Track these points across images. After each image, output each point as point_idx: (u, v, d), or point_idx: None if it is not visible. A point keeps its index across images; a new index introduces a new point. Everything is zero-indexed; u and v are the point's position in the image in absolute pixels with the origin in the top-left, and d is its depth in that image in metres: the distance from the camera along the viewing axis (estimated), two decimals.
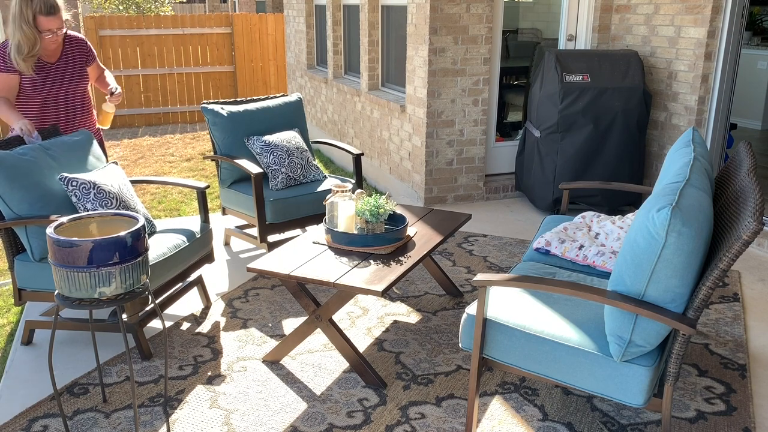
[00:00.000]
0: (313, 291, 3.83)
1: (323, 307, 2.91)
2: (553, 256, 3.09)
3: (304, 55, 8.29)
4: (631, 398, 2.19)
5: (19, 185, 2.98)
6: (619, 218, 3.34)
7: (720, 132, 4.96)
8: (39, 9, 3.27)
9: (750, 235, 1.95)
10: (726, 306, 3.68)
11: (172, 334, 3.35)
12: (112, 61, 9.78)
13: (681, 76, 4.98)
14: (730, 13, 4.66)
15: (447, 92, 5.22)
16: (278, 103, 4.52)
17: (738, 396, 2.83)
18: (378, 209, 3.07)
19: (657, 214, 2.03)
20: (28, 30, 3.28)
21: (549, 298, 2.54)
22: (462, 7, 5.05)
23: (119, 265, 2.22)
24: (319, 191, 4.11)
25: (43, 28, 3.32)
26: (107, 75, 3.89)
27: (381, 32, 6.29)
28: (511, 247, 4.54)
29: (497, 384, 2.91)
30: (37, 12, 3.28)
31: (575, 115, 4.91)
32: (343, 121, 7.17)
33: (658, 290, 2.08)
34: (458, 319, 3.52)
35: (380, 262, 2.90)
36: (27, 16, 3.27)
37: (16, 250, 3.14)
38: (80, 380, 2.94)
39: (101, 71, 3.88)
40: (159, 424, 2.64)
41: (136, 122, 10.07)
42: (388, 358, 3.13)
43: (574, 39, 5.72)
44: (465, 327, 2.45)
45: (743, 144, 2.86)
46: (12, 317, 3.61)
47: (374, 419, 2.66)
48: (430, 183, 5.39)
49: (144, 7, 16.54)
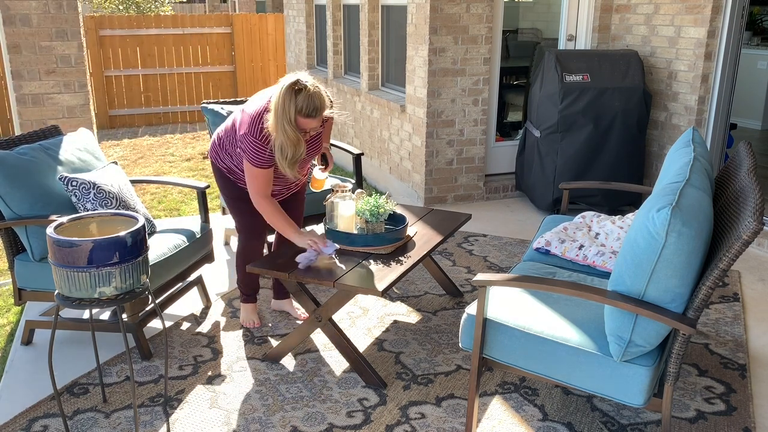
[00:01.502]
0: (313, 291, 3.83)
1: (323, 307, 2.91)
2: (553, 256, 3.08)
3: (304, 55, 8.29)
4: (631, 398, 2.19)
5: (19, 185, 2.98)
6: (619, 218, 3.34)
7: (720, 132, 4.96)
8: (303, 110, 2.78)
9: (750, 235, 1.95)
10: (726, 306, 3.68)
11: (172, 334, 3.35)
12: (112, 61, 9.78)
13: (681, 76, 4.98)
14: (730, 13, 4.66)
15: (447, 92, 5.22)
16: None
17: (738, 396, 2.83)
18: (378, 209, 3.07)
19: (657, 214, 2.03)
20: (292, 133, 2.79)
21: (549, 298, 2.54)
22: (462, 7, 5.05)
23: (119, 265, 2.21)
24: (319, 191, 4.11)
25: (304, 127, 2.85)
26: (328, 126, 3.32)
27: (381, 32, 6.29)
28: (511, 247, 4.54)
29: (497, 384, 2.91)
30: (302, 113, 2.78)
31: (575, 115, 4.91)
32: (343, 121, 7.17)
33: (658, 290, 2.08)
34: (458, 319, 3.52)
35: (380, 262, 2.90)
36: (290, 117, 2.77)
37: (16, 250, 3.14)
38: (80, 380, 2.94)
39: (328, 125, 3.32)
40: (159, 424, 2.63)
41: (136, 122, 10.07)
42: (388, 358, 3.13)
43: (574, 39, 5.72)
44: (465, 327, 2.45)
45: (743, 144, 2.86)
46: (12, 317, 3.61)
47: (374, 419, 2.66)
48: (430, 183, 5.39)
49: (144, 7, 16.54)
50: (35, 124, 4.68)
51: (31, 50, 4.54)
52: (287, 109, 2.75)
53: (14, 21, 4.44)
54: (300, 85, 2.77)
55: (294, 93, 2.75)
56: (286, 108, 2.75)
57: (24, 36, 4.49)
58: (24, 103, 4.61)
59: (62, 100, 4.68)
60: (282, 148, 2.84)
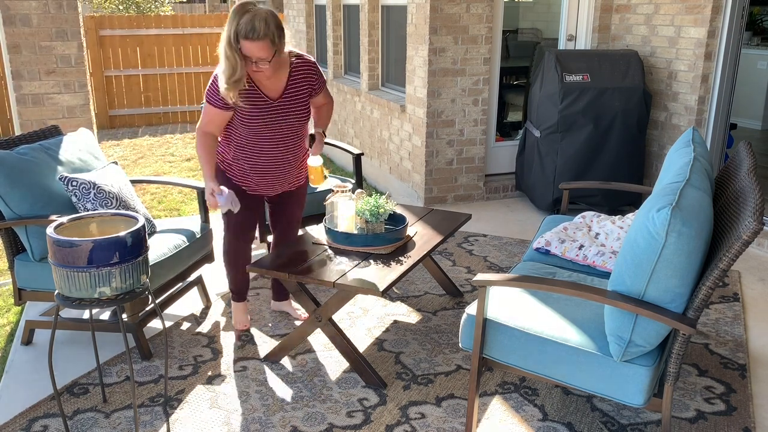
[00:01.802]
0: (313, 291, 3.83)
1: (323, 307, 2.91)
2: (553, 256, 3.08)
3: None
4: (631, 398, 2.19)
5: (19, 185, 2.98)
6: (619, 218, 3.34)
7: (720, 132, 4.95)
8: (241, 30, 2.72)
9: (750, 235, 1.95)
10: (726, 306, 3.68)
11: (172, 334, 3.35)
12: (112, 61, 9.78)
13: (681, 76, 4.98)
14: (730, 13, 4.66)
15: (447, 92, 5.22)
16: None
17: (738, 396, 2.83)
18: (378, 209, 3.07)
19: (657, 214, 2.03)
20: (230, 52, 2.74)
21: (549, 298, 2.54)
22: (462, 7, 5.05)
23: (119, 265, 2.21)
24: (319, 191, 4.11)
25: (245, 52, 2.76)
26: (326, 109, 3.29)
27: (381, 32, 6.29)
28: (511, 247, 4.54)
29: (497, 384, 2.91)
30: (240, 34, 2.72)
31: (575, 115, 4.91)
32: (343, 121, 7.17)
33: (658, 290, 2.08)
34: (458, 319, 3.52)
35: (380, 262, 2.90)
36: (230, 36, 2.74)
37: (16, 250, 3.14)
38: (80, 380, 2.94)
39: (324, 103, 3.26)
40: (159, 424, 2.63)
41: (136, 122, 10.07)
42: (388, 358, 3.13)
43: (574, 39, 5.72)
44: (465, 327, 2.45)
45: (743, 144, 2.86)
46: (12, 317, 3.61)
47: (374, 419, 2.66)
48: (430, 183, 5.39)
49: (144, 7, 16.54)
50: (35, 124, 4.68)
51: (31, 50, 4.54)
52: (228, 29, 2.73)
53: (14, 21, 4.44)
54: (248, 7, 2.73)
55: (239, 14, 2.72)
56: (228, 28, 2.73)
57: (24, 36, 4.49)
58: (24, 103, 4.61)
59: (62, 100, 4.68)
60: (224, 70, 2.78)
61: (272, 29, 2.73)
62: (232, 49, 2.73)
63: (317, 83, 3.11)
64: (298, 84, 3.02)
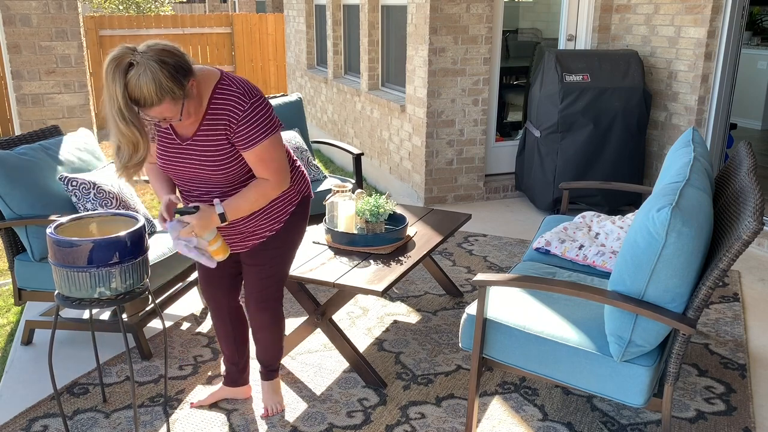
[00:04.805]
0: (313, 291, 3.83)
1: (323, 307, 2.91)
2: (553, 256, 3.08)
3: (304, 55, 8.29)
4: (631, 398, 2.19)
5: (19, 185, 2.98)
6: (619, 218, 3.34)
7: (720, 132, 4.95)
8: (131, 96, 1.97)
9: (750, 235, 1.95)
10: (726, 306, 3.68)
11: (172, 334, 3.35)
12: None
13: (681, 76, 4.98)
14: (730, 13, 4.66)
15: (447, 92, 5.22)
16: (278, 103, 4.51)
17: (738, 396, 2.83)
18: (378, 209, 3.07)
19: (657, 214, 2.03)
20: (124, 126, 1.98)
21: (549, 298, 2.54)
22: (462, 7, 5.05)
23: (119, 265, 2.21)
24: (319, 191, 4.11)
25: (144, 115, 2.04)
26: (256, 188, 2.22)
27: (381, 32, 6.29)
28: (511, 247, 4.54)
29: (497, 384, 2.91)
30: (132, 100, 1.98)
31: (575, 115, 4.91)
32: (343, 121, 7.17)
33: (658, 290, 2.08)
34: (458, 319, 3.52)
35: (380, 262, 2.90)
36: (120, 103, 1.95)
37: (16, 250, 3.14)
38: (80, 380, 2.94)
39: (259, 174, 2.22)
40: (159, 424, 2.63)
41: None
42: (388, 358, 3.13)
43: (574, 39, 5.72)
44: (465, 327, 2.45)
45: (743, 144, 2.86)
46: (12, 317, 3.61)
47: (374, 419, 2.66)
48: (430, 183, 5.39)
49: (144, 7, 16.54)
50: (35, 124, 4.68)
51: (31, 50, 4.54)
52: (112, 91, 1.94)
53: (14, 21, 4.44)
54: (126, 59, 1.94)
55: (120, 72, 1.93)
56: (113, 90, 1.93)
57: (24, 36, 4.49)
58: (24, 103, 4.61)
59: (62, 100, 4.68)
60: (118, 151, 2.06)
61: (167, 85, 1.95)
62: (127, 121, 1.96)
63: (238, 126, 2.12)
64: (213, 123, 2.15)
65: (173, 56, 1.99)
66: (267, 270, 2.44)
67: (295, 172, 2.43)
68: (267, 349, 2.65)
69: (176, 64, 1.98)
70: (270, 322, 2.56)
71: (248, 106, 2.12)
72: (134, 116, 1.97)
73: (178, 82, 1.98)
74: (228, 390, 2.76)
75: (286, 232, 2.41)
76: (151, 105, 1.97)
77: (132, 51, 1.94)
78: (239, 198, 2.20)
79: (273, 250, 2.41)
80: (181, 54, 2.03)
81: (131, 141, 2.00)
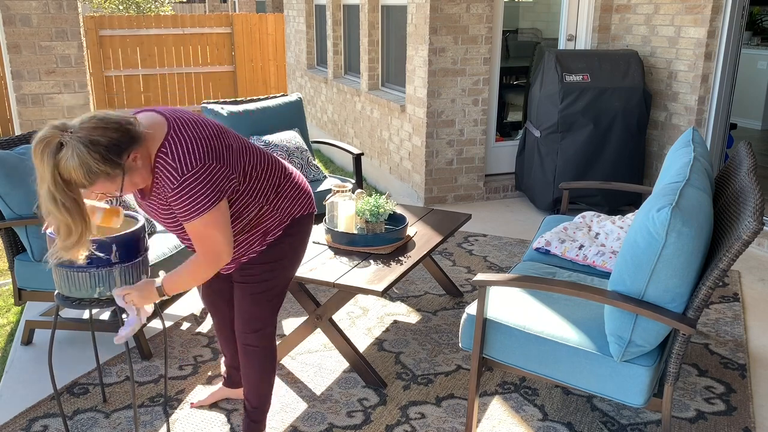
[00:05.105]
0: (313, 291, 3.83)
1: (323, 307, 2.91)
2: (553, 256, 3.08)
3: (304, 55, 8.29)
4: (631, 398, 2.19)
5: (19, 185, 2.98)
6: (619, 218, 3.34)
7: (720, 132, 4.95)
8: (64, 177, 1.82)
9: (750, 235, 1.95)
10: (726, 306, 3.68)
11: (172, 334, 3.35)
12: (112, 61, 9.78)
13: (681, 76, 4.98)
14: (730, 13, 4.66)
15: (447, 92, 5.22)
16: (278, 103, 4.52)
17: (738, 396, 2.83)
18: (378, 209, 3.07)
19: (657, 214, 2.03)
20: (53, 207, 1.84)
21: (549, 298, 2.54)
22: (462, 7, 5.05)
23: (119, 265, 2.21)
24: (319, 191, 4.11)
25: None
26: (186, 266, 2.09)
27: (381, 32, 6.29)
28: (511, 247, 4.54)
29: (497, 384, 2.91)
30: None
31: (575, 115, 4.91)
32: (343, 121, 7.17)
33: (658, 290, 2.08)
34: (458, 319, 3.52)
35: (380, 262, 2.90)
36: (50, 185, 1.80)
37: (16, 250, 3.14)
38: (80, 380, 2.94)
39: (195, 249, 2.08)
40: (159, 424, 2.63)
41: None
42: (388, 358, 3.13)
43: (574, 39, 5.72)
44: (465, 327, 2.45)
45: (743, 144, 2.86)
46: (12, 317, 3.61)
47: (374, 419, 2.66)
48: (430, 183, 5.39)
49: (144, 7, 16.54)
50: (35, 124, 4.68)
51: (31, 50, 4.54)
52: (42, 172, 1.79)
53: (14, 21, 4.44)
54: (52, 139, 1.77)
55: (49, 154, 1.77)
56: (43, 171, 1.78)
57: (24, 36, 4.49)
58: (24, 103, 4.61)
59: (62, 100, 4.68)
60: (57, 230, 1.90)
61: (97, 168, 1.79)
62: (58, 204, 1.80)
63: (170, 200, 1.96)
64: (158, 190, 2.01)
65: (107, 133, 1.80)
66: (255, 287, 2.25)
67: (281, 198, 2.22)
68: (253, 388, 2.38)
69: (109, 143, 1.79)
70: (258, 350, 2.32)
71: (177, 185, 1.90)
72: (66, 198, 1.79)
73: (111, 162, 1.80)
74: (228, 390, 2.77)
75: (276, 249, 2.24)
76: (83, 187, 1.83)
77: (61, 130, 1.77)
78: (176, 274, 2.09)
79: (261, 265, 2.24)
80: (119, 127, 1.83)
81: (64, 223, 1.84)
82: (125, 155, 1.84)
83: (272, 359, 2.38)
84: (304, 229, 2.31)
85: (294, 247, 2.29)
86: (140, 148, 1.89)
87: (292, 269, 2.32)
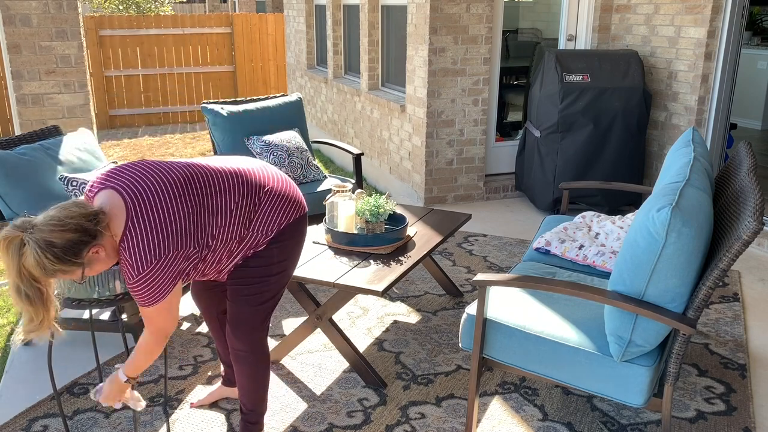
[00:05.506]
0: (313, 291, 3.83)
1: (323, 307, 2.91)
2: (553, 256, 3.08)
3: (304, 55, 8.29)
4: (631, 398, 2.19)
5: (19, 185, 2.98)
6: (619, 218, 3.34)
7: (720, 132, 4.95)
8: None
9: (750, 235, 1.95)
10: (726, 306, 3.68)
11: (172, 334, 3.35)
12: (112, 61, 9.78)
13: (681, 76, 4.98)
14: (730, 13, 4.66)
15: (447, 92, 5.22)
16: (278, 103, 4.52)
17: (738, 396, 2.83)
18: (378, 209, 3.07)
19: (657, 214, 2.03)
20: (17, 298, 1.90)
21: (549, 298, 2.54)
22: (462, 7, 5.05)
23: (119, 265, 2.21)
24: (319, 191, 4.11)
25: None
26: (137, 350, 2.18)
27: (381, 32, 6.29)
28: (511, 247, 4.54)
29: (497, 384, 2.91)
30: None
31: (575, 115, 4.91)
32: (343, 121, 7.17)
33: (658, 290, 2.08)
34: (458, 319, 3.52)
35: (380, 262, 2.90)
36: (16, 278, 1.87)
37: None
38: (80, 380, 2.94)
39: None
40: (159, 424, 2.63)
41: (136, 122, 10.07)
42: (388, 358, 3.13)
43: (574, 39, 5.72)
44: (465, 327, 2.45)
45: (743, 144, 2.86)
46: (12, 317, 3.61)
47: (374, 419, 2.66)
48: (430, 183, 5.39)
49: (144, 7, 16.54)
50: (35, 124, 4.68)
51: (31, 50, 4.54)
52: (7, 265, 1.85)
53: (14, 21, 4.44)
54: (13, 239, 1.83)
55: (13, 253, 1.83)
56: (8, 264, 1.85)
57: (24, 36, 4.49)
58: (24, 103, 4.61)
59: (62, 100, 4.68)
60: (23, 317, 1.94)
61: (52, 268, 1.84)
62: (21, 295, 1.86)
63: (131, 289, 2.01)
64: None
65: (65, 235, 1.83)
66: (245, 289, 2.23)
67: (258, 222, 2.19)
68: (246, 392, 2.38)
69: (66, 245, 1.83)
70: (247, 355, 2.31)
71: (136, 280, 1.97)
72: (31, 288, 1.86)
73: (67, 262, 1.85)
74: (227, 390, 2.77)
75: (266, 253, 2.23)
76: (45, 279, 1.88)
77: (22, 230, 1.82)
78: (131, 360, 2.19)
79: (252, 269, 2.23)
80: (77, 227, 1.85)
81: (25, 311, 1.89)
82: (84, 252, 1.88)
83: (264, 364, 2.36)
84: (295, 234, 2.29)
85: (286, 251, 2.26)
86: (103, 239, 1.92)
87: (285, 274, 2.29)
